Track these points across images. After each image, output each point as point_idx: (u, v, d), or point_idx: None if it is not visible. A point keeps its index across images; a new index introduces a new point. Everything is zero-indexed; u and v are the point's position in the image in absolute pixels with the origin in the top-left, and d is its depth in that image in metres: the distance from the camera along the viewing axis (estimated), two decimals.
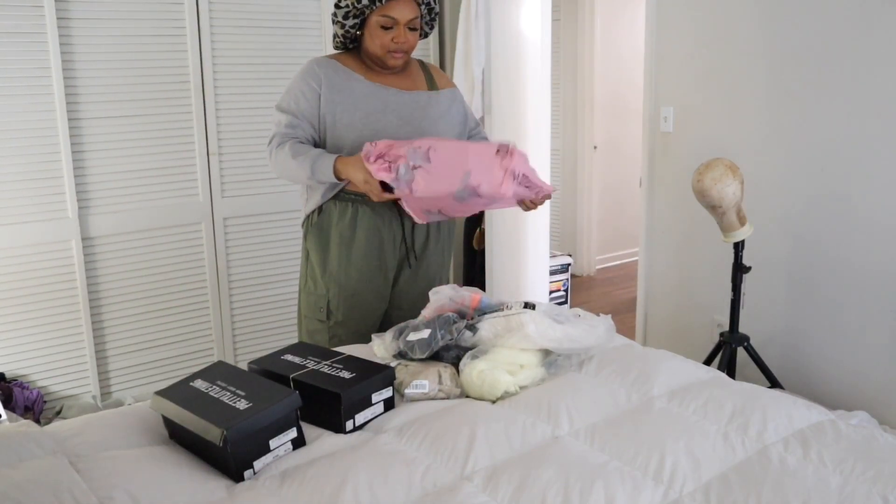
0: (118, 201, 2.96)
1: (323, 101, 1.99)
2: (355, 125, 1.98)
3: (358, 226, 2.04)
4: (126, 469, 1.28)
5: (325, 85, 1.99)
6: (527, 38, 3.30)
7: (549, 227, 3.57)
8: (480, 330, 1.69)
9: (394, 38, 1.96)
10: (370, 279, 2.08)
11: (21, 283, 2.81)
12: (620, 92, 5.27)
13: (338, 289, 2.08)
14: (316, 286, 2.12)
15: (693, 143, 3.03)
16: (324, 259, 2.08)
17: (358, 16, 1.96)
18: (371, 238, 2.05)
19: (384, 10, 1.93)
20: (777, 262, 2.79)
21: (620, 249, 5.58)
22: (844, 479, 1.23)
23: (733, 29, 2.82)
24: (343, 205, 2.04)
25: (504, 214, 3.41)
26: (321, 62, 2.03)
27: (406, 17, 1.95)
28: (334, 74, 2.01)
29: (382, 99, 2.02)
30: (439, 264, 2.22)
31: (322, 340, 2.11)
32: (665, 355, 1.77)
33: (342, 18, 1.97)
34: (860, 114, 2.48)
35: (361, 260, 2.06)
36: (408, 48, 2.00)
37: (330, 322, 2.10)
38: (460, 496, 1.21)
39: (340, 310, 2.09)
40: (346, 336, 2.09)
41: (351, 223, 2.03)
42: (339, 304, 2.09)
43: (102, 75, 2.86)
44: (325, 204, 2.05)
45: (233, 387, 1.40)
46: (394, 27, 1.95)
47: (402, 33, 1.96)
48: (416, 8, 1.97)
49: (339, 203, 2.04)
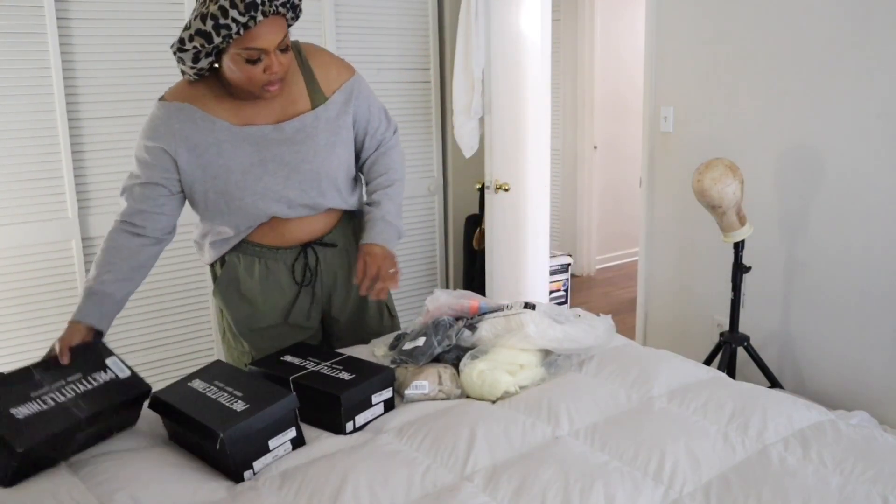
0: (118, 201, 2.95)
1: (184, 170, 1.64)
2: (232, 193, 1.66)
3: (270, 283, 1.80)
4: (126, 470, 1.28)
5: (182, 148, 1.62)
6: (527, 38, 3.30)
7: (549, 227, 3.57)
8: (480, 330, 1.69)
9: (266, 70, 1.55)
10: (293, 329, 1.87)
11: (21, 283, 2.80)
12: (620, 92, 5.27)
13: (259, 345, 1.85)
14: (236, 342, 1.90)
15: (693, 143, 3.03)
16: (237, 317, 1.85)
17: (211, 53, 1.54)
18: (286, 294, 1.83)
19: (244, 42, 1.50)
20: (777, 262, 2.79)
21: (620, 249, 5.58)
22: (844, 479, 1.23)
23: (733, 29, 2.82)
24: (248, 260, 1.79)
25: (504, 214, 3.41)
26: (173, 112, 1.62)
27: (274, 41, 1.52)
28: (193, 130, 1.62)
29: (257, 146, 1.65)
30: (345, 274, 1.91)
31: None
32: (665, 355, 1.77)
33: (191, 62, 1.56)
34: (860, 114, 2.48)
35: (279, 316, 1.84)
36: (284, 74, 1.59)
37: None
38: (460, 496, 1.21)
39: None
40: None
41: (261, 281, 1.80)
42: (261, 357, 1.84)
43: (102, 75, 2.86)
44: (226, 255, 1.80)
45: (230, 387, 1.40)
46: (261, 58, 1.53)
47: (273, 62, 1.54)
48: (282, 25, 1.54)
49: (243, 257, 1.79)
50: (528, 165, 3.38)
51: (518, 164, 3.35)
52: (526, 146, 3.38)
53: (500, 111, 3.29)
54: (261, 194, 1.68)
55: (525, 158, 3.37)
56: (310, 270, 1.83)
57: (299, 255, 1.81)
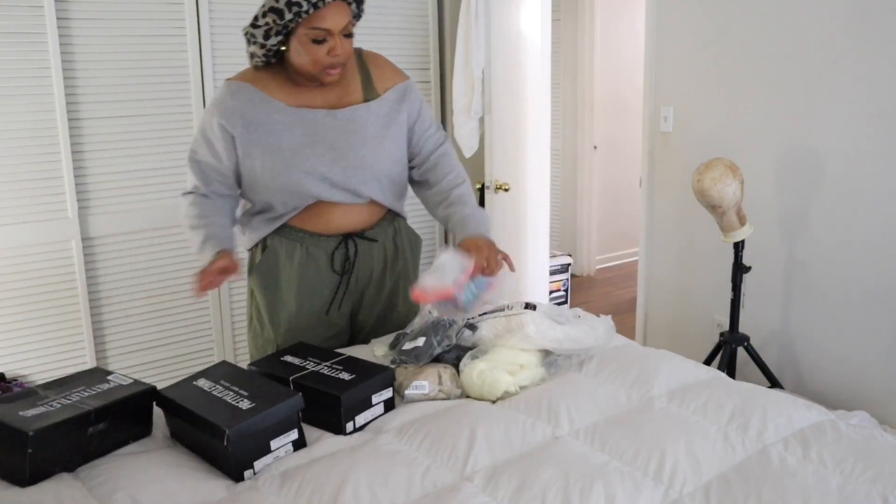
0: (118, 201, 2.96)
1: (239, 144, 1.75)
2: (279, 168, 1.74)
3: (309, 270, 1.85)
4: (125, 470, 1.28)
5: (239, 125, 1.73)
6: (527, 38, 3.30)
7: (549, 227, 3.57)
8: (480, 330, 1.69)
9: (329, 52, 1.67)
10: (322, 322, 1.91)
11: (21, 283, 2.81)
12: (620, 92, 5.27)
13: (287, 336, 1.88)
14: (263, 329, 1.93)
15: (693, 143, 3.03)
16: (271, 304, 1.89)
17: (281, 32, 1.67)
18: (323, 283, 1.88)
19: (313, 21, 1.64)
20: (777, 262, 2.79)
21: (620, 249, 5.58)
22: (844, 479, 1.23)
23: (733, 29, 2.83)
24: (290, 244, 1.85)
25: (504, 214, 3.41)
26: (235, 91, 1.75)
27: (339, 24, 1.66)
28: (250, 107, 1.74)
29: (309, 128, 1.76)
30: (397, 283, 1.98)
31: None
32: (665, 355, 1.77)
33: (262, 38, 1.68)
34: (860, 114, 2.48)
35: (314, 305, 1.89)
36: (346, 59, 1.73)
37: None
38: (460, 496, 1.21)
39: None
40: None
41: (300, 267, 1.85)
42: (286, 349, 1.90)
43: (102, 75, 2.86)
44: (268, 238, 1.86)
45: (236, 387, 1.40)
46: (326, 39, 1.66)
47: (337, 44, 1.67)
48: (347, 11, 1.69)
49: (285, 241, 1.85)
50: (528, 165, 3.38)
51: (518, 164, 3.35)
52: (526, 146, 3.38)
53: (500, 111, 3.29)
54: (305, 172, 1.76)
55: (525, 158, 3.37)
56: (349, 260, 1.88)
57: (339, 245, 1.87)
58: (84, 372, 1.52)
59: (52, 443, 1.26)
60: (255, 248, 1.91)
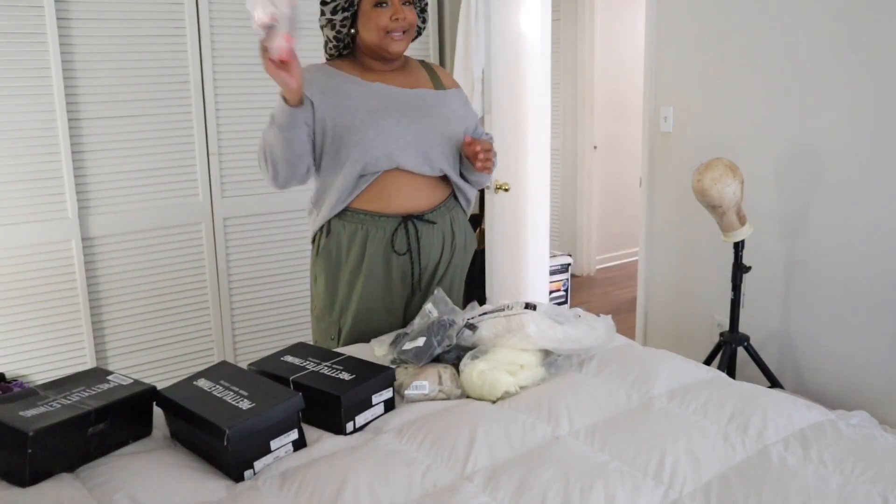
0: (118, 201, 2.96)
1: (317, 108, 1.86)
2: (357, 127, 1.86)
3: (368, 251, 1.93)
4: (125, 470, 1.28)
5: (317, 90, 1.86)
6: (527, 38, 3.30)
7: (549, 227, 3.58)
8: (480, 330, 1.69)
9: (392, 16, 1.84)
10: (382, 307, 1.98)
11: (21, 283, 2.81)
12: (620, 92, 5.27)
13: (349, 318, 1.98)
14: (325, 313, 2.02)
15: (693, 143, 3.03)
16: (333, 287, 1.98)
17: (348, 7, 1.85)
18: (381, 266, 1.95)
19: None
20: (777, 263, 2.79)
21: (620, 249, 5.58)
22: (844, 479, 1.23)
23: (733, 29, 2.83)
24: (352, 227, 1.93)
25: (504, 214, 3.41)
26: (311, 68, 1.89)
27: None
28: (327, 79, 1.89)
29: (383, 97, 1.90)
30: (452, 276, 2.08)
31: None
32: (665, 355, 1.77)
33: (331, 14, 1.87)
34: (860, 114, 2.48)
35: (373, 288, 1.96)
36: (407, 25, 1.87)
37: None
38: (460, 496, 1.21)
39: (352, 338, 1.99)
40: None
41: (360, 249, 1.93)
42: (349, 333, 1.99)
43: (102, 75, 2.86)
44: (332, 222, 1.95)
45: (236, 387, 1.40)
46: (387, 4, 1.84)
47: (398, 8, 1.84)
48: None
49: (347, 224, 1.93)
50: (528, 165, 3.38)
51: (518, 164, 3.35)
52: (526, 146, 3.38)
53: (500, 111, 3.29)
54: (381, 130, 1.86)
55: (525, 158, 3.37)
56: (408, 241, 1.94)
57: (399, 226, 1.93)
58: (84, 372, 1.52)
59: (52, 443, 1.26)
60: (319, 233, 1.99)
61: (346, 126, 1.86)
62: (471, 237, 2.12)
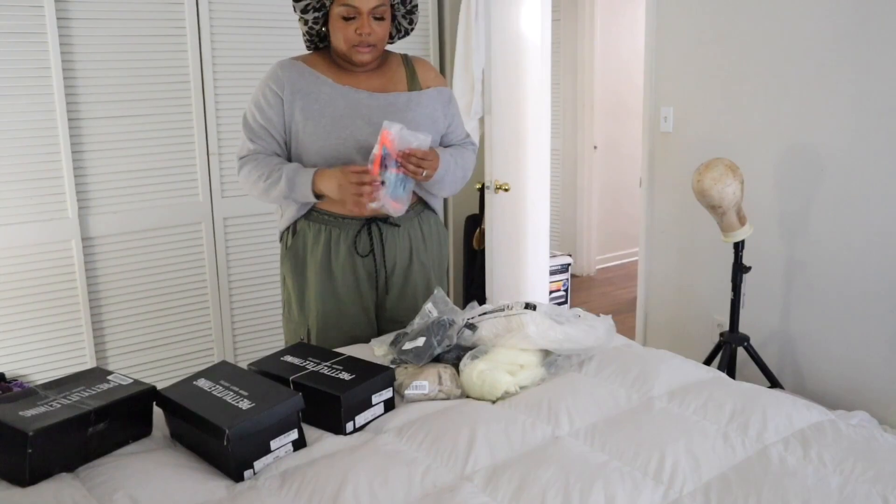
0: (118, 201, 2.96)
1: (287, 108, 1.86)
2: (320, 133, 1.84)
3: (333, 253, 1.92)
4: (125, 470, 1.28)
5: (287, 90, 1.85)
6: (527, 38, 3.31)
7: (549, 227, 3.58)
8: (480, 330, 1.69)
9: (357, 30, 1.79)
10: (350, 307, 1.96)
11: (21, 283, 2.81)
12: (620, 92, 5.27)
13: (317, 319, 1.96)
14: (294, 314, 2.01)
15: (693, 143, 3.03)
16: (300, 288, 1.97)
17: (319, 8, 1.82)
18: (348, 266, 1.94)
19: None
20: (777, 263, 2.79)
21: (620, 249, 5.58)
22: (844, 479, 1.23)
23: (733, 29, 2.83)
24: (316, 227, 1.92)
25: (504, 214, 3.41)
26: (285, 65, 1.89)
27: (368, 4, 1.78)
28: (299, 78, 1.87)
29: (351, 102, 1.87)
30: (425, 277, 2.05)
31: None
32: (665, 355, 1.77)
33: (301, 13, 1.84)
34: (860, 114, 2.48)
35: (339, 288, 1.95)
36: (374, 40, 1.83)
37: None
38: (460, 496, 1.21)
39: (321, 339, 1.97)
40: None
41: (325, 249, 1.92)
42: (318, 334, 1.98)
43: (102, 75, 2.86)
44: (298, 222, 1.94)
45: (236, 387, 1.40)
46: (356, 17, 1.79)
47: (365, 24, 1.79)
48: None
49: (312, 225, 1.93)
50: (528, 165, 3.38)
51: (518, 164, 3.35)
52: (526, 146, 3.38)
53: (500, 111, 3.29)
54: (344, 139, 1.85)
55: (525, 158, 3.38)
56: (372, 243, 1.94)
57: (363, 228, 1.93)
58: (84, 372, 1.52)
59: (52, 443, 1.26)
60: (286, 233, 1.99)
61: (310, 132, 1.85)
62: (443, 234, 2.10)
